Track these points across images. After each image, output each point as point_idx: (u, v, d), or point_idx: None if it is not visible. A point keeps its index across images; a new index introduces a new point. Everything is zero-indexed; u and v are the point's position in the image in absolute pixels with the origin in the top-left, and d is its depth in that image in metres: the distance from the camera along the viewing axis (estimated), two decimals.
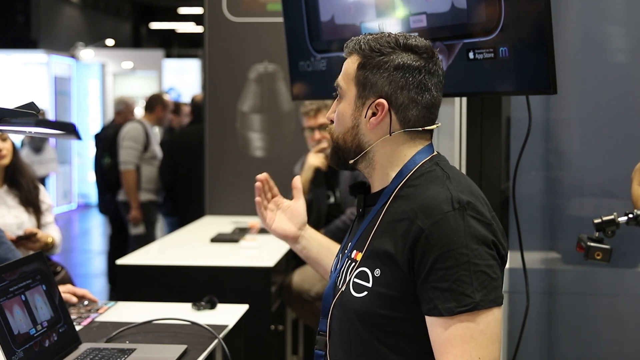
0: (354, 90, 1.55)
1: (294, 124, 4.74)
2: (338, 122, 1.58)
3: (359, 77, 1.54)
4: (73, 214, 12.14)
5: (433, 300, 1.39)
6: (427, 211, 1.42)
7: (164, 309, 2.44)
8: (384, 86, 1.51)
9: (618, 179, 2.26)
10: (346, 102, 1.57)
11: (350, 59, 1.58)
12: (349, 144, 1.57)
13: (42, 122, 1.62)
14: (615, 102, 2.70)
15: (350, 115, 1.56)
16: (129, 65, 14.57)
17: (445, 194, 1.43)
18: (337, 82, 1.59)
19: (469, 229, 1.40)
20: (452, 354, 1.37)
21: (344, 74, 1.58)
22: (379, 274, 1.46)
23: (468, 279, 1.37)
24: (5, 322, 1.73)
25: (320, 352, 1.59)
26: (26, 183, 3.23)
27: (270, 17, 4.65)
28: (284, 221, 1.90)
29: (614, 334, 2.76)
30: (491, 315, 1.38)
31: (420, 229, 1.41)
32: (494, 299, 1.39)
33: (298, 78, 2.76)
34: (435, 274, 1.38)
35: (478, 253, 1.39)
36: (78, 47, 14.23)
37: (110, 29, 18.22)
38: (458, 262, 1.37)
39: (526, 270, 2.25)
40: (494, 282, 1.39)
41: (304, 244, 1.89)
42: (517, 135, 2.58)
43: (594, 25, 2.73)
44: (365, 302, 1.47)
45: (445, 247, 1.38)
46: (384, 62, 1.51)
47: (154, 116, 5.90)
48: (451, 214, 1.40)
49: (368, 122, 1.53)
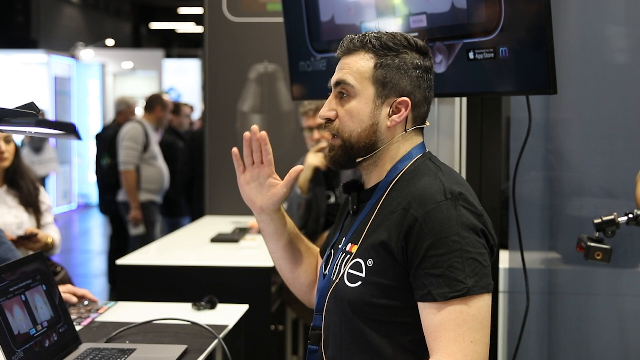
0: (371, 89, 1.56)
1: (294, 124, 4.74)
2: (351, 120, 1.56)
3: (378, 76, 1.55)
4: (73, 214, 12.14)
5: (426, 286, 1.43)
6: (420, 201, 1.47)
7: (164, 309, 2.44)
8: (406, 85, 1.56)
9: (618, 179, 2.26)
10: (361, 101, 1.56)
11: (358, 56, 1.57)
12: (364, 142, 1.57)
13: (42, 122, 1.62)
14: (615, 102, 2.70)
15: (369, 114, 1.56)
16: (129, 65, 14.57)
17: (438, 185, 1.49)
18: (344, 80, 1.57)
19: (461, 217, 1.45)
20: (446, 338, 1.41)
21: (355, 72, 1.56)
22: (372, 264, 1.50)
23: (460, 265, 1.42)
24: (5, 322, 1.73)
25: (314, 347, 1.61)
26: (26, 184, 3.23)
27: (270, 17, 4.65)
28: (256, 190, 1.72)
29: (614, 334, 2.76)
30: (482, 301, 1.43)
31: (414, 217, 1.45)
32: (485, 285, 1.44)
33: (298, 78, 2.76)
34: (429, 260, 1.43)
35: (469, 241, 1.44)
36: (78, 47, 14.23)
37: (110, 29, 18.22)
38: (451, 249, 1.42)
39: (526, 270, 2.25)
40: (484, 269, 1.44)
41: (272, 216, 1.73)
42: (517, 135, 2.58)
43: (594, 25, 2.73)
44: (358, 292, 1.50)
45: (438, 234, 1.43)
46: (404, 61, 1.56)
47: (154, 116, 5.90)
48: (444, 203, 1.45)
49: (388, 120, 1.56)
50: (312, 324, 1.63)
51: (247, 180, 1.72)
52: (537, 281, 2.81)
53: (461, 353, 1.40)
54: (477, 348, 1.41)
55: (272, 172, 1.71)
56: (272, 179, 1.71)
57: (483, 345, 1.43)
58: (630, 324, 2.74)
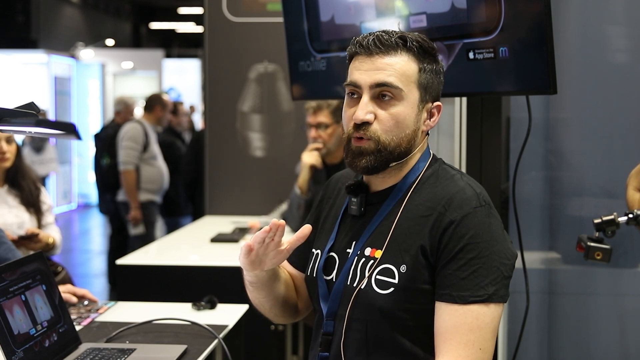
0: (416, 94, 1.53)
1: (294, 124, 4.73)
2: (396, 125, 1.51)
3: (422, 81, 1.53)
4: (73, 214, 12.14)
5: (448, 287, 1.44)
6: (457, 205, 1.48)
7: (164, 309, 2.44)
8: (439, 90, 1.58)
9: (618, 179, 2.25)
10: (407, 105, 1.52)
11: (400, 58, 1.51)
12: (403, 148, 1.53)
13: (42, 122, 1.62)
14: (615, 102, 2.70)
15: (414, 119, 1.54)
16: (129, 65, 14.57)
17: (471, 191, 1.50)
18: (390, 82, 1.50)
19: (492, 227, 1.47)
20: (457, 341, 1.42)
21: (402, 74, 1.51)
22: (405, 269, 1.48)
23: (485, 272, 1.43)
24: (5, 322, 1.73)
25: (325, 354, 1.57)
26: (27, 184, 3.23)
27: (270, 17, 4.65)
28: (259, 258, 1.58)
29: (614, 334, 2.76)
30: (497, 311, 1.44)
31: (451, 220, 1.46)
32: (503, 296, 1.45)
33: (298, 78, 2.76)
34: (457, 262, 1.44)
35: (497, 250, 1.45)
36: (78, 47, 14.23)
37: (110, 29, 18.22)
38: (480, 255, 1.44)
39: (526, 270, 2.25)
40: (505, 280, 1.46)
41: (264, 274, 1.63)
42: (517, 135, 2.58)
43: (594, 25, 2.73)
44: (391, 298, 1.48)
45: (471, 238, 1.44)
46: (438, 66, 1.58)
47: (153, 116, 5.90)
48: (479, 210, 1.47)
49: (424, 124, 1.57)
50: (324, 330, 1.57)
51: (252, 258, 1.55)
52: (537, 281, 2.81)
53: (469, 358, 1.41)
54: (484, 356, 1.42)
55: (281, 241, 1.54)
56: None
57: (489, 354, 1.44)
58: (630, 324, 2.74)
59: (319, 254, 1.66)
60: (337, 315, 1.56)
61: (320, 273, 1.63)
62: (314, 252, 1.68)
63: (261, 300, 1.71)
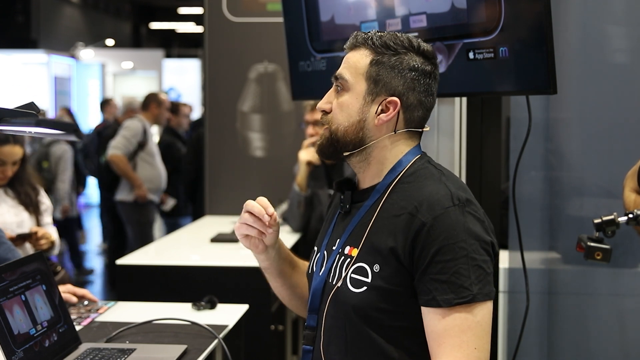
0: (363, 85, 1.56)
1: (294, 124, 4.74)
2: (340, 113, 1.58)
3: (371, 73, 1.56)
4: None
5: (431, 291, 1.43)
6: (428, 206, 1.46)
7: (164, 309, 2.44)
8: (398, 85, 1.55)
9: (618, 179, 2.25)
10: (352, 96, 1.57)
11: (359, 52, 1.58)
12: (350, 137, 1.57)
13: (42, 122, 1.62)
14: (615, 103, 2.70)
15: (358, 110, 1.56)
16: (129, 65, 14.58)
17: (445, 191, 1.48)
18: (340, 74, 1.59)
19: (468, 224, 1.45)
20: (450, 344, 1.42)
21: (352, 67, 1.58)
22: (378, 269, 1.49)
23: (466, 272, 1.42)
24: (5, 322, 1.73)
25: (308, 347, 1.60)
26: (24, 188, 3.22)
27: (270, 17, 4.65)
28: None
29: (614, 334, 2.76)
30: (485, 308, 1.44)
31: (422, 222, 1.45)
32: (488, 293, 1.44)
33: (298, 78, 2.76)
34: (435, 266, 1.43)
35: (475, 248, 1.44)
36: (78, 47, 14.24)
37: (110, 29, 18.23)
38: (457, 256, 1.42)
39: (526, 270, 2.25)
40: (488, 276, 1.45)
41: (272, 254, 1.72)
42: (517, 135, 2.58)
43: (594, 25, 2.73)
44: (364, 297, 1.49)
45: (445, 240, 1.43)
46: (400, 61, 1.55)
47: (150, 114, 5.91)
48: (452, 209, 1.45)
49: (376, 118, 1.56)
50: (306, 324, 1.62)
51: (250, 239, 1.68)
52: (537, 281, 2.81)
53: (465, 359, 1.41)
54: (480, 355, 1.42)
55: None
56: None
57: (485, 352, 1.43)
58: (630, 324, 2.74)
59: (316, 251, 1.72)
60: (319, 311, 1.59)
61: (315, 267, 1.67)
62: (315, 249, 1.73)
63: (279, 290, 1.80)
